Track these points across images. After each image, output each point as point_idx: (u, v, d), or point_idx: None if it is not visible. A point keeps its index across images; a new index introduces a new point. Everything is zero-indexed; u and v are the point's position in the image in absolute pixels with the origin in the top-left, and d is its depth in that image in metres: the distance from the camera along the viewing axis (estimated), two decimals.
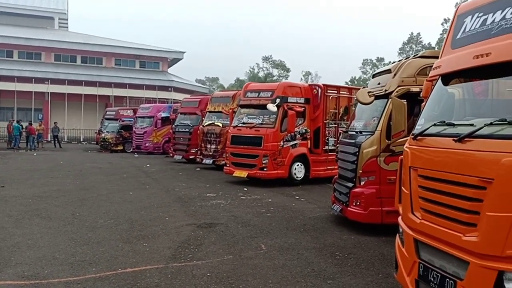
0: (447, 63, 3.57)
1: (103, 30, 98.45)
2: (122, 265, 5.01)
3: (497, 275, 2.64)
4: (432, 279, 3.16)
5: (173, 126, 19.62)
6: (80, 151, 26.30)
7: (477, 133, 2.93)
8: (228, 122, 14.05)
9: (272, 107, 11.56)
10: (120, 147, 25.59)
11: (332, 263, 5.24)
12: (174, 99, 37.45)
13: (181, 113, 19.47)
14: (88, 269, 4.88)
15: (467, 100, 3.75)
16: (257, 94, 12.38)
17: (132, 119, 26.27)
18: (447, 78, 3.67)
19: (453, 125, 3.30)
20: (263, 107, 11.82)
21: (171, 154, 19.82)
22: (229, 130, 13.02)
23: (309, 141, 12.17)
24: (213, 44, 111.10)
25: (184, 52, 47.83)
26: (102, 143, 26.10)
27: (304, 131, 12.04)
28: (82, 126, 37.98)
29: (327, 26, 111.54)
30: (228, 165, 12.56)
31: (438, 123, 3.44)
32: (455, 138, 3.06)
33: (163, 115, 23.56)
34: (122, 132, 25.87)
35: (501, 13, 3.07)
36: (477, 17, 3.33)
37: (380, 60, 64.91)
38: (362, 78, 64.91)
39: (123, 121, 26.79)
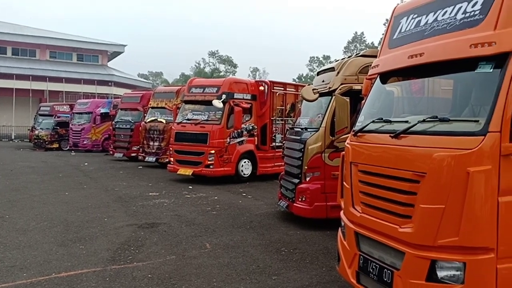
0: (385, 62, 3.71)
1: (37, 22, 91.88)
2: (56, 270, 4.72)
3: (430, 263, 2.79)
4: (371, 270, 3.28)
5: (113, 122, 18.90)
6: (12, 149, 24.55)
7: (411, 129, 3.08)
8: (172, 119, 13.72)
9: (217, 103, 11.43)
10: (56, 145, 24.26)
11: (277, 259, 5.28)
12: (114, 94, 35.99)
13: (121, 109, 18.84)
14: (18, 274, 4.55)
15: (405, 98, 3.93)
16: (202, 89, 12.18)
17: (68, 115, 25.04)
18: (385, 77, 3.82)
19: (390, 122, 3.44)
20: (209, 103, 11.66)
21: (111, 152, 19.06)
22: (173, 127, 12.71)
23: (256, 138, 12.21)
24: (158, 39, 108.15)
25: (125, 46, 46.11)
26: (36, 140, 24.69)
27: (251, 127, 12.06)
28: (13, 122, 35.49)
29: (276, 23, 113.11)
30: (172, 162, 12.27)
31: (376, 120, 3.56)
32: (392, 135, 3.19)
33: (103, 111, 22.64)
34: (57, 129, 24.50)
35: (434, 15, 3.24)
36: (412, 18, 3.49)
37: (327, 58, 66.44)
38: (309, 75, 66.25)
39: (58, 117, 25.55)
